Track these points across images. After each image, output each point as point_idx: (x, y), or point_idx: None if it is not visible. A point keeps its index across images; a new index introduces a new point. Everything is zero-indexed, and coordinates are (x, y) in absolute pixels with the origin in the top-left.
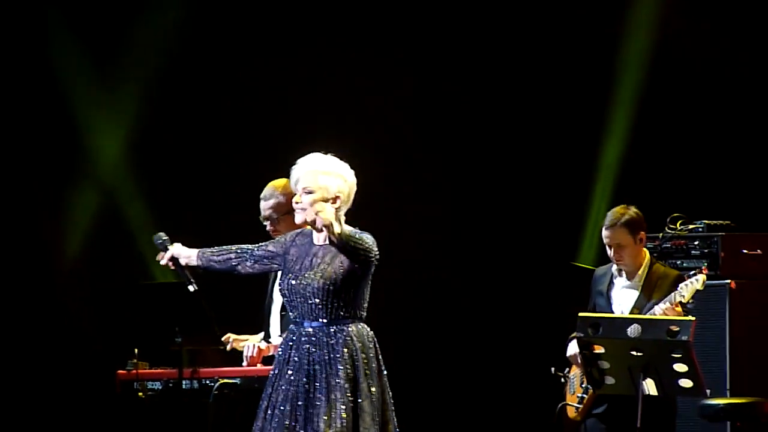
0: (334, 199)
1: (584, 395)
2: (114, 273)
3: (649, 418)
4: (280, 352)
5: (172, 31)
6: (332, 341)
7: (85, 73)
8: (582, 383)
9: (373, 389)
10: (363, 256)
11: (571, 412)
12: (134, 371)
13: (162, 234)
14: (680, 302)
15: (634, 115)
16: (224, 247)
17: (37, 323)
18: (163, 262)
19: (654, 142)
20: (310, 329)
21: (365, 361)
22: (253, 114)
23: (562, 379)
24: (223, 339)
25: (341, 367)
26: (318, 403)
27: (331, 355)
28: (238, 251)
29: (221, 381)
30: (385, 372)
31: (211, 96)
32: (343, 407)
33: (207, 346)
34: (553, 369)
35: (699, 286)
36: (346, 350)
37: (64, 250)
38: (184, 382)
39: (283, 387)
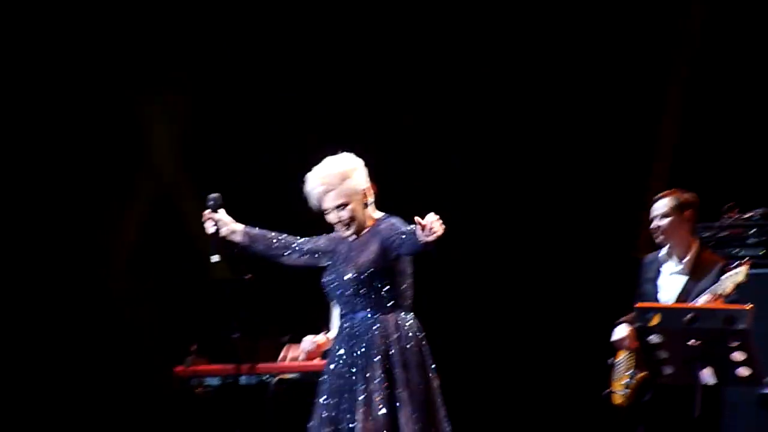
0: (365, 193)
1: (630, 381)
2: (172, 270)
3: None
4: (333, 345)
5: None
6: (371, 332)
7: (141, 64)
8: (627, 369)
9: (414, 379)
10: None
11: (616, 399)
12: (192, 367)
13: (219, 195)
14: (721, 295)
15: (689, 105)
16: (275, 233)
17: (95, 319)
18: (206, 215)
19: (710, 131)
20: (354, 321)
21: (404, 351)
22: (311, 105)
23: (616, 363)
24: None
25: (377, 359)
26: (358, 395)
27: (370, 346)
28: (288, 242)
29: (279, 376)
30: (433, 365)
31: (268, 87)
32: (380, 398)
33: (265, 341)
34: (609, 360)
35: (741, 278)
36: (382, 340)
37: (122, 246)
38: (241, 377)
39: (331, 380)
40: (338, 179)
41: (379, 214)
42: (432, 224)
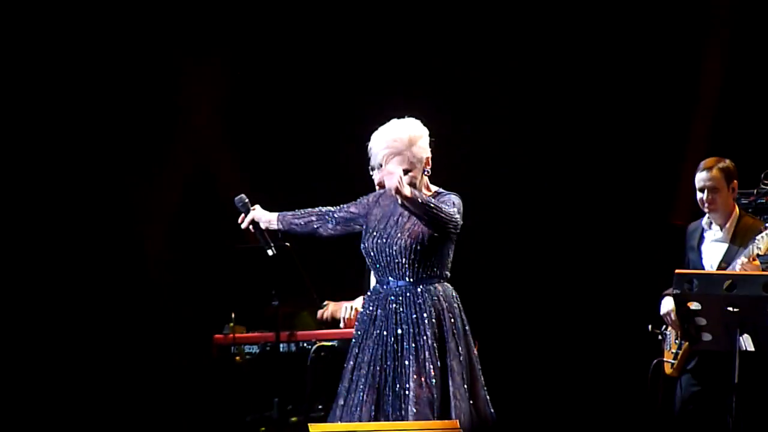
0: (427, 161)
1: (678, 351)
2: (209, 237)
3: (741, 374)
4: (364, 311)
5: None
6: (419, 300)
7: (177, 38)
8: (677, 339)
9: (460, 348)
10: (442, 224)
11: (667, 369)
12: (231, 335)
13: (243, 196)
14: (757, 255)
15: (726, 73)
16: (305, 210)
17: (135, 288)
18: (243, 225)
19: (749, 98)
20: (397, 288)
21: (452, 320)
22: (346, 79)
23: (659, 336)
24: (318, 314)
25: (429, 327)
26: (407, 362)
27: (419, 315)
28: (319, 213)
29: (319, 344)
30: (469, 330)
31: (304, 61)
32: (432, 367)
33: (304, 309)
34: (650, 326)
35: None
36: (433, 310)
37: (160, 214)
38: (281, 345)
39: (370, 347)
40: (405, 144)
41: (434, 187)
42: (384, 180)
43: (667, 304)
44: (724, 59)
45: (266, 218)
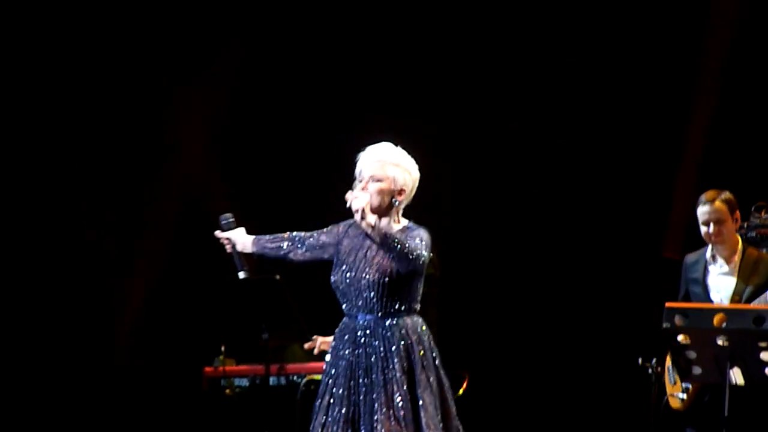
0: (400, 192)
1: (689, 385)
2: (199, 270)
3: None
4: (334, 346)
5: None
6: (387, 334)
7: (169, 65)
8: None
9: (431, 380)
10: (407, 259)
11: (674, 403)
12: (221, 368)
13: (229, 215)
14: None
15: (717, 104)
16: (279, 234)
17: (123, 320)
18: (218, 236)
19: (738, 131)
20: (365, 322)
21: (422, 353)
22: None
23: (649, 370)
24: (306, 346)
25: (397, 360)
26: (375, 396)
27: (387, 348)
28: (290, 238)
29: (308, 377)
30: (440, 363)
31: (293, 88)
32: (401, 400)
33: (294, 342)
34: (640, 360)
35: None
36: (402, 342)
37: (149, 247)
38: (271, 378)
39: (341, 382)
40: (392, 161)
41: (404, 221)
42: (350, 202)
43: None
44: (715, 92)
45: (242, 240)
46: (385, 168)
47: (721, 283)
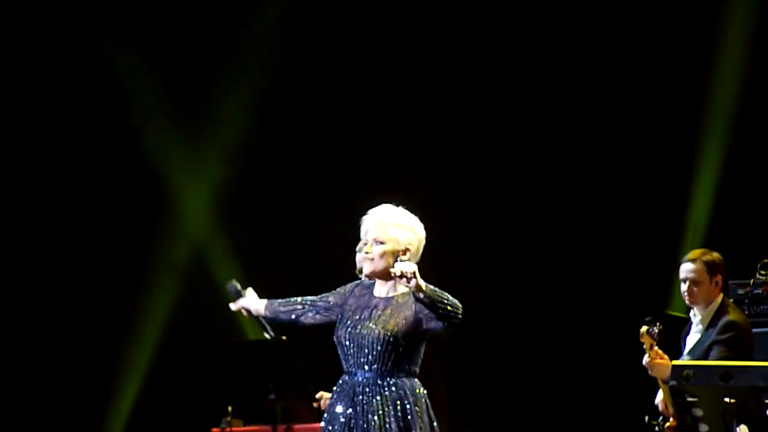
0: (404, 251)
1: None
2: (206, 332)
3: None
4: (332, 403)
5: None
6: (386, 392)
7: (170, 131)
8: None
9: None
10: (450, 313)
11: None
12: (228, 429)
13: (234, 282)
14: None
15: (722, 161)
16: (289, 299)
17: (131, 384)
18: (234, 308)
19: (744, 189)
20: (364, 380)
21: (419, 413)
22: (338, 167)
23: (656, 428)
24: (315, 405)
25: (394, 420)
26: None
27: (384, 406)
28: (303, 303)
29: None
30: (437, 427)
31: (294, 150)
32: None
33: (301, 403)
34: (646, 418)
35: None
36: (399, 403)
37: (156, 310)
38: None
39: None
40: (394, 222)
41: None
42: (400, 270)
43: (661, 394)
44: (721, 150)
45: (255, 306)
46: (387, 229)
47: (691, 342)
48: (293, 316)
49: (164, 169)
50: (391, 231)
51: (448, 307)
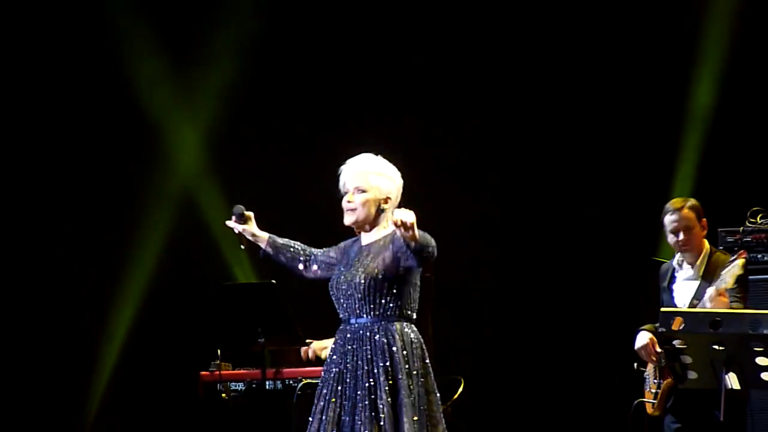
0: (385, 200)
1: (658, 390)
2: (195, 274)
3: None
4: (330, 352)
5: (249, 34)
6: (375, 338)
7: (162, 75)
8: (655, 378)
9: (414, 387)
10: (431, 255)
11: (648, 408)
12: (217, 372)
13: (242, 207)
14: (725, 289)
15: (713, 108)
16: (293, 243)
17: (120, 326)
18: (229, 224)
19: (733, 135)
20: (356, 326)
21: (405, 359)
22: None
23: (645, 374)
24: (302, 352)
25: (381, 364)
26: (359, 400)
27: (373, 352)
28: (305, 253)
29: (305, 381)
30: (432, 375)
31: (287, 95)
32: (382, 404)
33: (289, 346)
34: (635, 365)
35: (738, 270)
36: (386, 347)
37: (145, 253)
38: (267, 382)
39: (332, 386)
40: (374, 170)
41: (392, 227)
42: (401, 219)
43: (642, 339)
44: (709, 97)
45: (255, 233)
46: (368, 178)
47: (684, 288)
48: (299, 266)
49: (156, 109)
50: (372, 179)
51: (430, 249)
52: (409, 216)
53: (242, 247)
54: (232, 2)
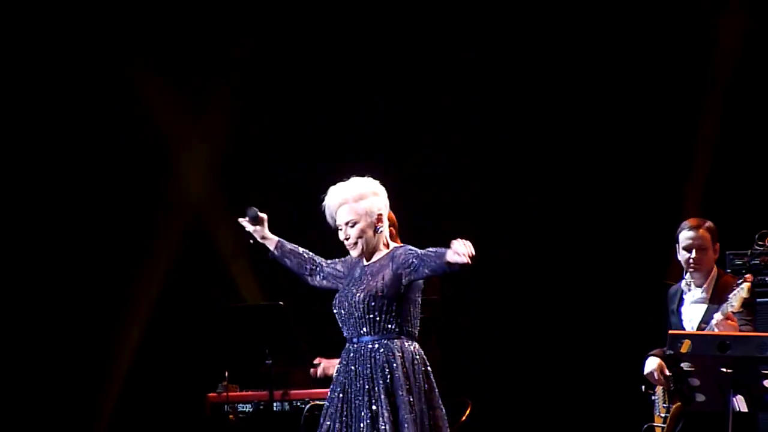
0: (378, 219)
1: (667, 414)
2: (203, 295)
3: None
4: (337, 372)
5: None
6: (375, 356)
7: (171, 94)
8: (664, 402)
9: (417, 404)
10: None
11: None
12: (225, 394)
13: (256, 209)
14: (731, 312)
15: (721, 132)
16: (301, 250)
17: (127, 346)
18: (242, 221)
19: (742, 159)
20: (358, 344)
21: (406, 376)
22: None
23: (653, 397)
24: (311, 372)
25: (381, 382)
26: (363, 419)
27: (373, 369)
28: (313, 262)
29: (312, 402)
30: (436, 391)
31: (295, 113)
32: (383, 422)
33: (297, 367)
34: (643, 387)
35: (744, 293)
36: (386, 365)
37: (154, 275)
38: (275, 404)
39: (336, 404)
40: (355, 198)
41: (393, 244)
42: (463, 248)
43: (651, 364)
44: (718, 121)
45: (265, 234)
46: (354, 208)
47: (692, 311)
48: (306, 274)
49: (165, 127)
50: (358, 208)
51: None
52: (465, 249)
53: (251, 242)
54: (243, 18)
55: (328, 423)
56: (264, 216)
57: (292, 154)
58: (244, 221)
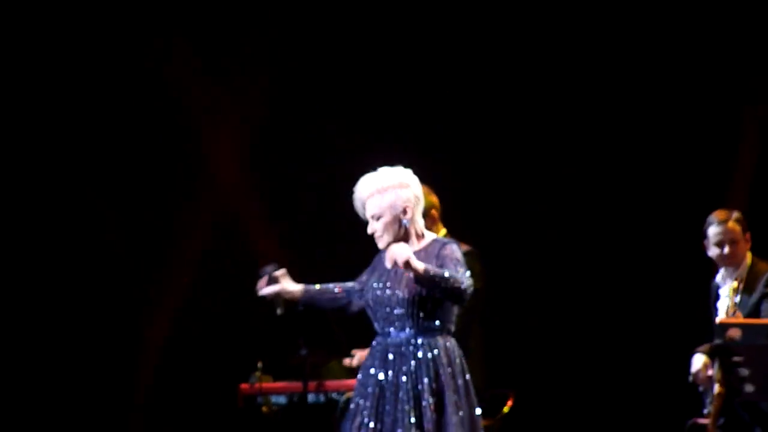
0: (404, 211)
1: (710, 409)
2: (235, 284)
3: None
4: (366, 363)
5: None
6: (418, 352)
7: (202, 83)
8: (709, 398)
9: (462, 404)
10: (452, 291)
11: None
12: (258, 385)
13: (270, 267)
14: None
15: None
16: (328, 286)
17: (160, 338)
18: (263, 293)
19: None
20: (397, 339)
21: (451, 375)
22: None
23: (699, 388)
24: (346, 362)
25: (426, 380)
26: (407, 418)
27: (417, 367)
28: (345, 290)
29: (348, 394)
30: (472, 388)
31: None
32: (428, 421)
33: (332, 358)
34: (690, 377)
35: None
36: (431, 363)
37: (185, 263)
38: (309, 395)
39: (371, 401)
40: (381, 190)
41: (432, 236)
42: (393, 259)
43: (697, 362)
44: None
45: (290, 292)
46: (377, 201)
47: (726, 301)
48: (343, 305)
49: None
50: (382, 201)
51: (449, 285)
52: (400, 254)
53: (278, 311)
54: (274, 5)
55: (360, 419)
56: (282, 271)
57: (325, 146)
58: (264, 290)
